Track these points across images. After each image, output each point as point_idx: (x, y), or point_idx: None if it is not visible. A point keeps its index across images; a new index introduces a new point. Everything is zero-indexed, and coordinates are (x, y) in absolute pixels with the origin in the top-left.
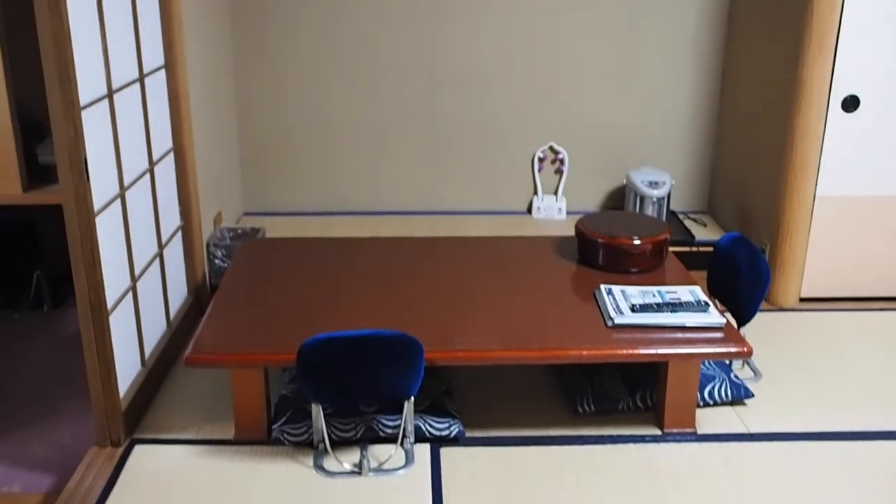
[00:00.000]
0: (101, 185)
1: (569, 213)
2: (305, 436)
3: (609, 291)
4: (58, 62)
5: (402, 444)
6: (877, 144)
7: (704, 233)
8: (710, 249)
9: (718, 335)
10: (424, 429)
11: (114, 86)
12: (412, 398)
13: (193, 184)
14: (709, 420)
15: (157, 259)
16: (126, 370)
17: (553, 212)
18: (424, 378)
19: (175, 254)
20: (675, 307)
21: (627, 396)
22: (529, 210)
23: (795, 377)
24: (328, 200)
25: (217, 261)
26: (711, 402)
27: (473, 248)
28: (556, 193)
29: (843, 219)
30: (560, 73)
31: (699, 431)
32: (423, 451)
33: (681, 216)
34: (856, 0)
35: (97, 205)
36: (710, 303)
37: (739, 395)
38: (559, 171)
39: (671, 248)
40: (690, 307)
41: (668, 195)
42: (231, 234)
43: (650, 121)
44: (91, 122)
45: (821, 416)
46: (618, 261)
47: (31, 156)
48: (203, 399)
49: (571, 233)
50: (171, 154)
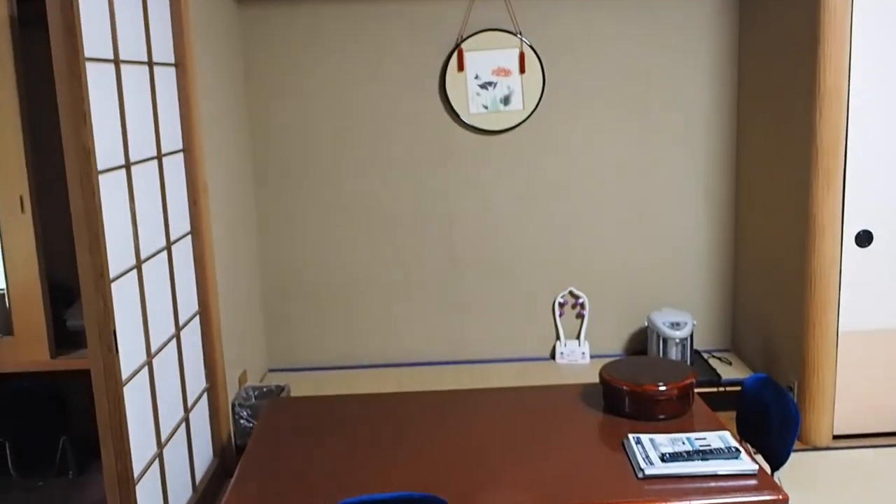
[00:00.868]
0: (129, 354)
1: (593, 357)
2: None
3: (638, 441)
4: (89, 235)
5: None
6: (894, 277)
7: (730, 371)
8: (738, 389)
9: (752, 482)
10: None
11: (142, 255)
12: None
13: (219, 345)
14: None
15: (184, 423)
16: None
17: (577, 356)
18: None
19: (201, 416)
20: (706, 455)
21: None
22: (553, 355)
23: None
24: (352, 353)
25: (242, 421)
26: None
27: (498, 400)
28: (579, 338)
29: (870, 353)
30: (575, 218)
31: None
32: None
33: (705, 355)
34: (859, 135)
35: (125, 374)
36: (741, 448)
37: None
38: (580, 316)
39: (697, 390)
40: (721, 454)
41: (691, 335)
42: (256, 393)
43: (668, 261)
44: (120, 293)
45: None
46: (644, 408)
47: (59, 320)
48: None
49: (596, 378)
50: (197, 317)
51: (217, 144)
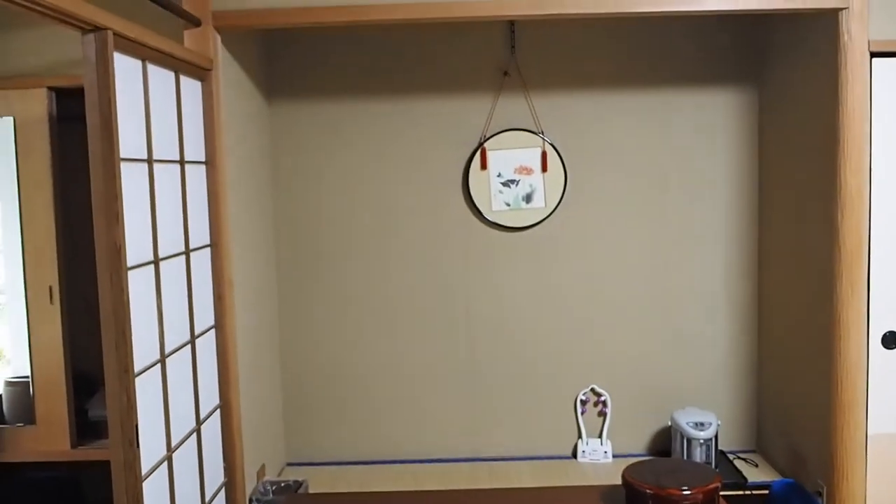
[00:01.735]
0: (150, 449)
1: (615, 456)
2: None
3: None
4: (116, 331)
5: None
6: None
7: (756, 474)
8: (764, 492)
9: None
10: None
11: (167, 350)
12: None
13: (238, 439)
14: None
15: None
16: None
17: (599, 455)
18: None
19: None
20: None
21: None
22: (574, 454)
23: None
24: (370, 448)
25: None
26: None
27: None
28: (601, 436)
29: None
30: (597, 314)
31: None
32: None
33: (730, 456)
34: (882, 235)
35: (144, 468)
36: None
37: None
38: (602, 414)
39: (723, 493)
40: None
41: (716, 435)
42: (274, 488)
43: (690, 359)
44: (144, 388)
45: None
46: None
47: (81, 410)
48: None
49: (618, 478)
50: (218, 411)
51: (243, 238)
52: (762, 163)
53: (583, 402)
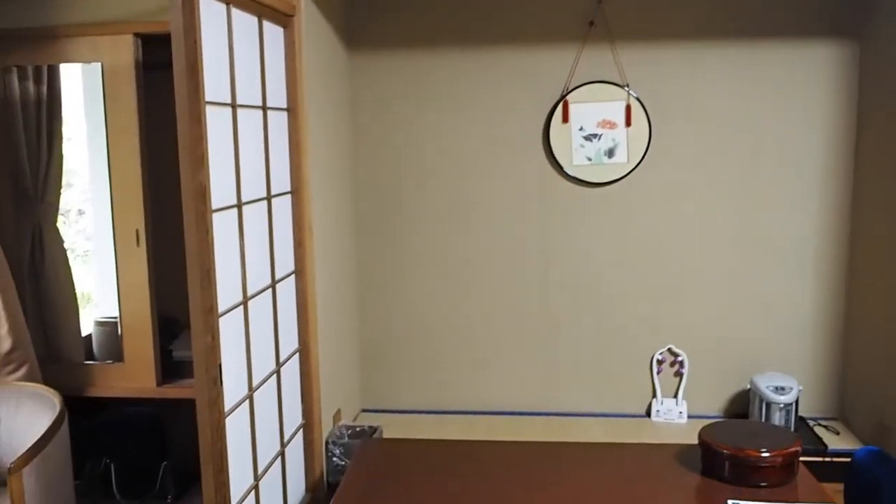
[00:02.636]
0: (232, 387)
1: (690, 417)
2: None
3: None
4: (200, 271)
5: None
6: None
7: (838, 441)
8: (846, 460)
9: None
10: None
11: (249, 292)
12: None
13: (316, 382)
14: None
15: (279, 457)
16: None
17: (673, 415)
18: None
19: (296, 451)
20: None
21: None
22: (648, 413)
23: None
24: (444, 399)
25: (335, 459)
26: None
27: (592, 455)
28: (677, 397)
29: None
30: (677, 273)
31: None
32: None
33: (811, 423)
34: None
35: (227, 405)
36: None
37: None
38: (679, 374)
39: (802, 459)
40: None
41: (797, 401)
42: (349, 433)
43: (774, 322)
44: (227, 328)
45: None
46: (745, 474)
47: (166, 350)
48: None
49: (693, 438)
50: (297, 355)
51: (323, 187)
52: (860, 122)
53: (659, 362)
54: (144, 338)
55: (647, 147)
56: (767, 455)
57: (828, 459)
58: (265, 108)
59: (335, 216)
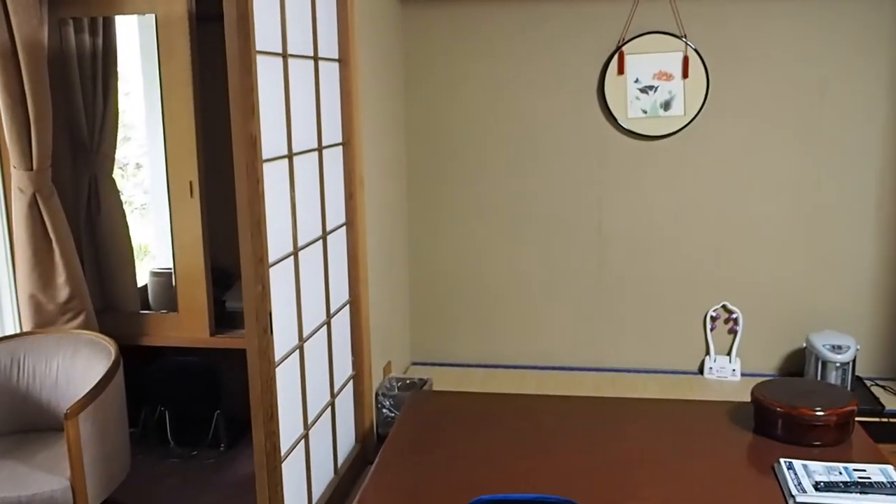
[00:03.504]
0: (283, 337)
1: (743, 375)
2: None
3: (790, 466)
4: (251, 220)
5: None
6: None
7: (895, 402)
8: None
9: None
10: None
11: (299, 243)
12: None
13: (367, 334)
14: None
15: (329, 408)
16: None
17: (726, 373)
18: None
19: (346, 402)
20: (865, 488)
21: None
22: (701, 370)
23: None
24: (494, 353)
25: (385, 410)
26: None
27: (642, 411)
28: (730, 354)
29: None
30: (733, 229)
31: None
32: None
33: (868, 383)
34: None
35: (278, 355)
36: None
37: None
38: (733, 332)
39: (858, 419)
40: (883, 489)
41: (854, 360)
42: (399, 385)
43: (831, 280)
44: (277, 278)
45: None
46: (798, 433)
47: (219, 301)
48: None
49: (746, 396)
50: (348, 306)
51: (374, 139)
52: None
53: (713, 319)
54: (198, 288)
55: (705, 100)
56: (822, 414)
57: (884, 420)
58: (316, 59)
59: (386, 168)
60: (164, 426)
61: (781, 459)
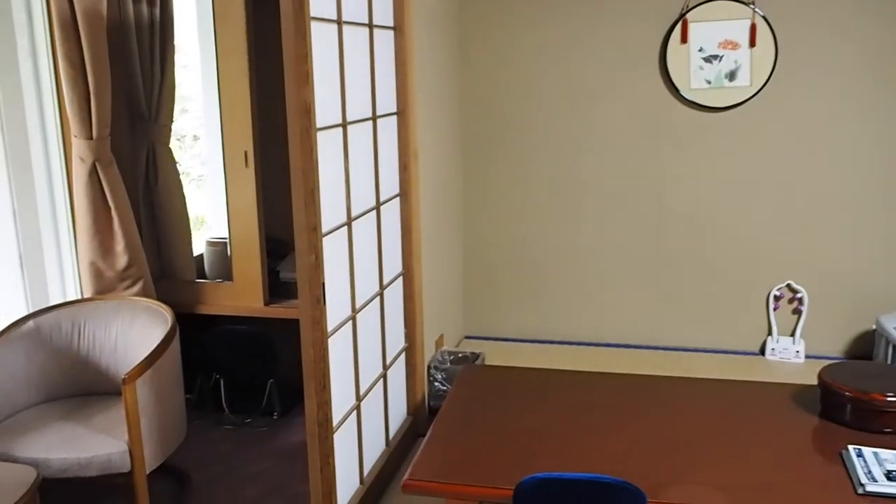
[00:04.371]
0: (336, 308)
1: (808, 357)
2: None
3: (859, 453)
4: (305, 189)
5: None
6: None
7: None
8: None
9: None
10: None
11: (353, 213)
12: None
13: (419, 307)
14: None
15: (381, 379)
16: (346, 487)
17: (790, 354)
18: None
19: (398, 374)
20: None
21: None
22: (762, 351)
23: None
24: (548, 328)
25: (437, 383)
26: None
27: (702, 391)
28: (794, 335)
29: None
30: (800, 206)
31: None
32: None
33: None
34: None
35: (330, 326)
36: None
37: None
38: (797, 312)
39: None
40: None
41: None
42: (451, 358)
43: None
44: (331, 248)
45: None
46: (868, 419)
47: (273, 271)
48: None
49: (810, 379)
50: (401, 278)
51: (429, 110)
52: None
53: (776, 298)
54: (253, 258)
55: (773, 70)
56: (894, 399)
57: None
58: (371, 26)
59: (441, 139)
60: (219, 393)
61: (850, 446)
